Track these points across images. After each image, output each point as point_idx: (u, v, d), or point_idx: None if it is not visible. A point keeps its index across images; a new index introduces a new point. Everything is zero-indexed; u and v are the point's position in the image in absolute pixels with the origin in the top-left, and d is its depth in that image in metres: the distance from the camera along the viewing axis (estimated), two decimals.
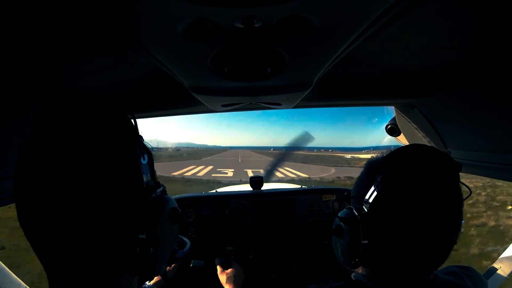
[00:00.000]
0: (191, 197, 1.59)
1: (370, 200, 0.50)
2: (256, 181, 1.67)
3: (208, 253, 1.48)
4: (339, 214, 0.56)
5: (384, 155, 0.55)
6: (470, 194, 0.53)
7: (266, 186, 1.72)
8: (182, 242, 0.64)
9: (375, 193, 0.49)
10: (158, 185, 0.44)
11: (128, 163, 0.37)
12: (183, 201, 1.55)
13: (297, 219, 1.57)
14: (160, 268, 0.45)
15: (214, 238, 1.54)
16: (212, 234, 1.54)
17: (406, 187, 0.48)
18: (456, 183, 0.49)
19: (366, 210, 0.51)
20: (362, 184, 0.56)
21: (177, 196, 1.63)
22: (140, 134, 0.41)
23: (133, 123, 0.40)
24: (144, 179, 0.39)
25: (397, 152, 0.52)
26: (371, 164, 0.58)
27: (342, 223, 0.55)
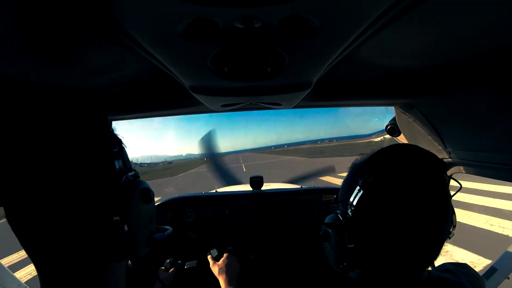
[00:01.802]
0: (191, 197, 1.59)
1: (354, 204, 0.50)
2: (256, 181, 1.67)
3: (207, 251, 1.49)
4: (325, 220, 0.57)
5: (367, 157, 0.55)
6: (460, 189, 0.53)
7: (266, 186, 1.73)
8: (164, 230, 0.65)
9: (358, 197, 0.49)
10: (130, 169, 0.47)
11: (100, 151, 0.41)
12: (183, 201, 1.56)
13: (297, 219, 1.57)
14: (139, 249, 0.46)
15: (214, 238, 1.54)
16: (212, 234, 1.54)
17: (386, 190, 0.48)
18: (440, 181, 0.49)
19: (350, 214, 0.51)
20: (348, 188, 0.55)
21: (176, 196, 1.63)
22: (110, 126, 0.45)
23: (103, 117, 0.44)
24: (116, 165, 0.43)
25: (377, 155, 0.52)
26: (354, 167, 0.58)
27: (328, 229, 0.55)
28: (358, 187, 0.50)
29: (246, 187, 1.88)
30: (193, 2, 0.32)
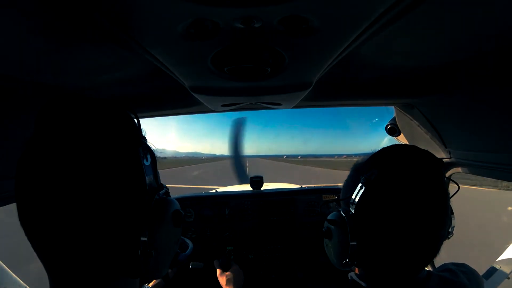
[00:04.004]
0: (191, 197, 1.59)
1: (356, 202, 0.51)
2: (256, 181, 1.67)
3: (208, 253, 1.48)
4: (328, 217, 0.57)
5: (369, 157, 0.56)
6: (458, 190, 0.54)
7: (266, 186, 1.73)
8: (184, 244, 0.63)
9: (360, 194, 0.50)
10: (161, 187, 0.44)
11: (131, 165, 0.37)
12: (183, 201, 1.56)
13: (297, 219, 1.57)
14: (162, 271, 0.44)
15: (214, 238, 1.54)
16: (212, 234, 1.54)
17: (387, 186, 0.49)
18: (439, 179, 0.50)
19: (352, 211, 0.52)
20: (349, 187, 0.56)
21: (176, 196, 1.63)
22: (143, 135, 0.41)
23: (137, 123, 0.40)
24: (147, 180, 0.38)
25: (378, 154, 0.53)
26: (356, 167, 0.59)
27: (330, 225, 0.56)
28: (360, 184, 0.51)
29: (246, 187, 1.88)
30: (194, 2, 0.32)
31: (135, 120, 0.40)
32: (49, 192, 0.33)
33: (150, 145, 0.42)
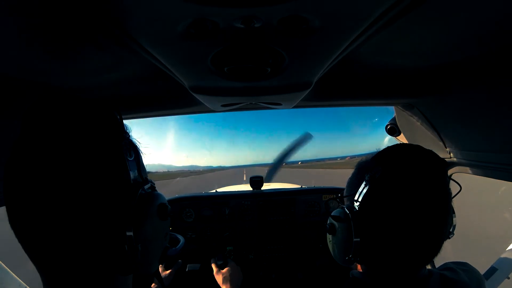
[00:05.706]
0: (191, 197, 1.59)
1: (360, 199, 0.52)
2: (256, 181, 1.67)
3: (208, 253, 1.48)
4: (332, 213, 0.58)
5: (373, 155, 0.57)
6: (460, 190, 0.55)
7: (266, 186, 1.73)
8: (175, 240, 0.63)
9: (364, 191, 0.51)
10: (146, 181, 0.44)
11: (113, 160, 0.38)
12: (183, 201, 1.56)
13: (297, 219, 1.57)
14: (151, 266, 0.45)
15: (214, 238, 1.54)
16: (212, 234, 1.54)
17: (392, 184, 0.50)
18: (442, 178, 0.50)
19: (357, 208, 0.53)
20: (354, 185, 0.57)
21: (176, 196, 1.63)
22: (126, 131, 0.42)
23: (119, 119, 0.40)
24: (131, 175, 0.39)
25: (383, 152, 0.54)
26: (360, 165, 0.60)
27: (334, 222, 0.57)
28: (364, 182, 0.51)
29: (246, 187, 1.89)
30: (194, 2, 0.32)
31: (118, 117, 0.41)
32: (35, 193, 0.33)
33: (134, 140, 0.43)
